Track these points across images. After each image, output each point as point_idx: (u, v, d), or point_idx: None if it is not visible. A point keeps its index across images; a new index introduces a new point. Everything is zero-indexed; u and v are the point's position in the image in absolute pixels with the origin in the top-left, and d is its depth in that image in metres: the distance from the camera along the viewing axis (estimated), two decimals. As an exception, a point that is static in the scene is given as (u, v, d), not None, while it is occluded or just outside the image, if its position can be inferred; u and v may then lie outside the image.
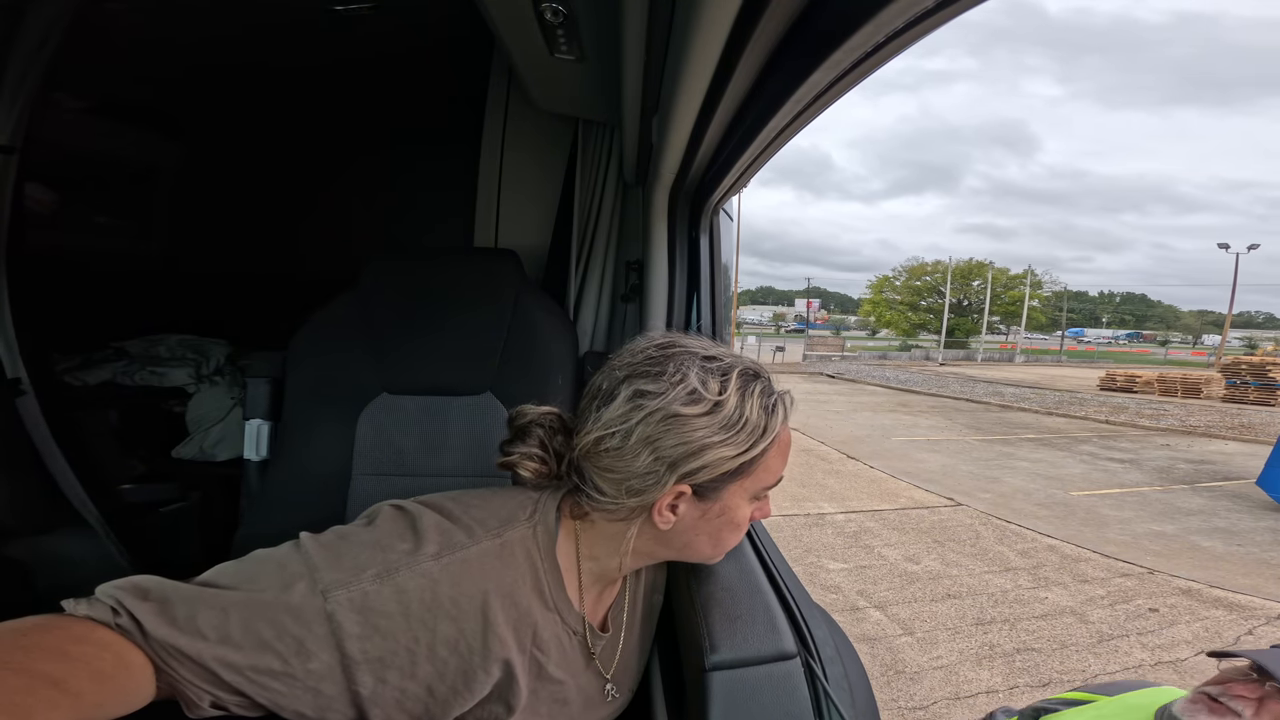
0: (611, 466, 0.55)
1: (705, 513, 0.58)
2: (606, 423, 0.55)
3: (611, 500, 0.56)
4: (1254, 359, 17.13)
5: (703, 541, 0.60)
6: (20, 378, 1.39)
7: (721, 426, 0.54)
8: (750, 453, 0.55)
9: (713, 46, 0.49)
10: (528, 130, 1.37)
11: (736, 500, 0.58)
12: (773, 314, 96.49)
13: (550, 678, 0.59)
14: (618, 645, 0.67)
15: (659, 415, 0.53)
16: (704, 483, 0.55)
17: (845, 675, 0.60)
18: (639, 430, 0.53)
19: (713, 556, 0.63)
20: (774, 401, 0.58)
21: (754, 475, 0.57)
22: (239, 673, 0.46)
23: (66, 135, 1.87)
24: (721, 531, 0.60)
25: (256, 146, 2.30)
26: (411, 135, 2.18)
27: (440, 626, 0.51)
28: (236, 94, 2.05)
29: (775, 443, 0.58)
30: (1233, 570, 4.02)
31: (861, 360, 30.38)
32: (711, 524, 0.59)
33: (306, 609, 0.48)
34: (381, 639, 0.49)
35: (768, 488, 0.61)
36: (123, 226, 2.22)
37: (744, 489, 0.58)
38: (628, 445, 0.54)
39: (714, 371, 0.56)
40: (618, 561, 0.61)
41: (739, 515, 0.59)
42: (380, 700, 0.50)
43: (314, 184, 2.31)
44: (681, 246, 1.11)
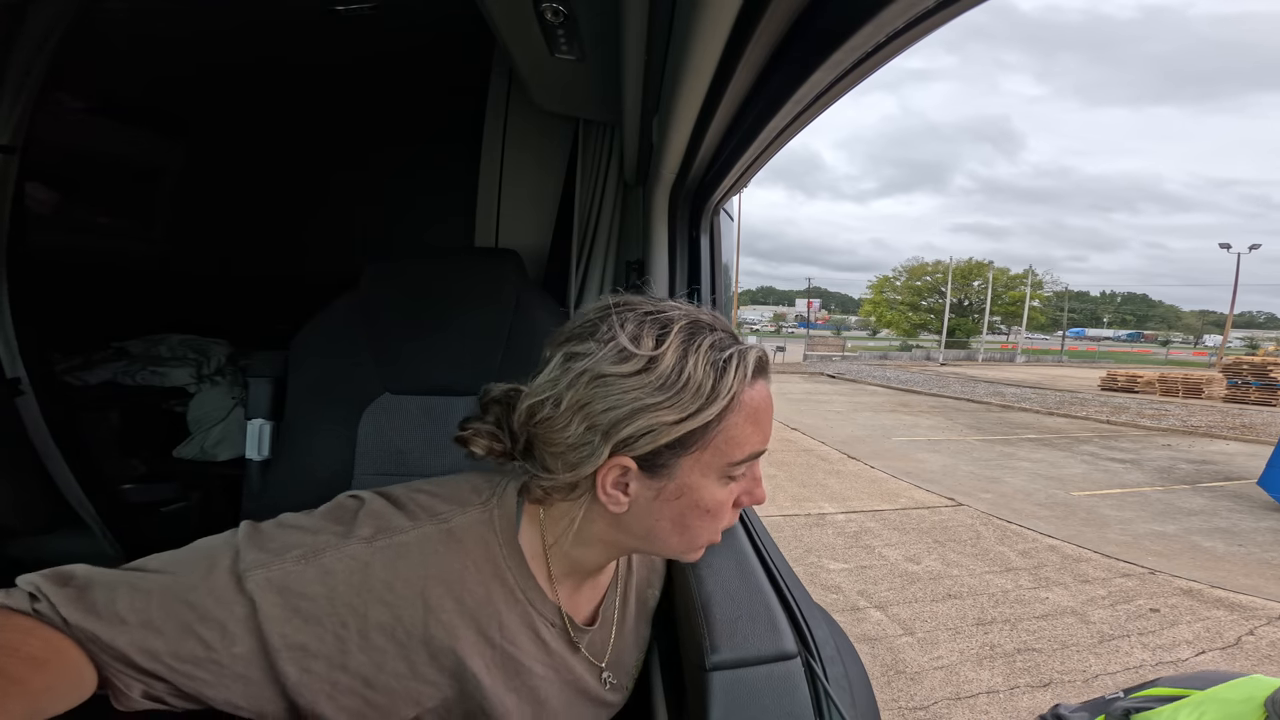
0: (548, 438, 0.50)
1: (660, 493, 0.50)
2: (537, 389, 0.50)
3: (555, 477, 0.52)
4: (1255, 359, 17.11)
5: (665, 529, 0.52)
6: (20, 378, 1.39)
7: (657, 388, 0.47)
8: (698, 419, 0.47)
9: (713, 46, 0.49)
10: (528, 130, 1.37)
11: (697, 479, 0.50)
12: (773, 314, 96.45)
13: (528, 670, 0.56)
14: (609, 639, 0.65)
15: (586, 377, 0.48)
16: (646, 455, 0.48)
17: (846, 675, 0.60)
18: (568, 396, 0.48)
19: (686, 550, 0.55)
20: (727, 357, 0.48)
21: (713, 447, 0.49)
22: (160, 660, 0.44)
23: (68, 135, 1.87)
24: (687, 518, 0.51)
25: (257, 147, 2.31)
26: (412, 135, 2.18)
27: (372, 611, 0.48)
28: (237, 94, 2.06)
29: (735, 407, 0.49)
30: (1234, 570, 4.01)
31: (862, 360, 30.37)
32: (671, 507, 0.51)
33: (226, 589, 0.46)
34: (304, 623, 0.47)
35: (737, 463, 0.50)
36: (123, 226, 2.23)
37: (704, 464, 0.50)
38: (559, 413, 0.49)
39: (652, 325, 0.49)
40: (585, 551, 0.56)
41: (705, 497, 0.51)
42: (307, 691, 0.47)
43: (315, 184, 2.31)
44: (682, 246, 1.11)
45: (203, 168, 2.30)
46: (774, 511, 4.84)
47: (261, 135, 2.28)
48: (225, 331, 2.11)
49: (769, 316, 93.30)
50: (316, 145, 2.25)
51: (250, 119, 2.22)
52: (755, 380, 0.51)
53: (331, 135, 2.22)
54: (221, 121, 2.23)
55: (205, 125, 2.23)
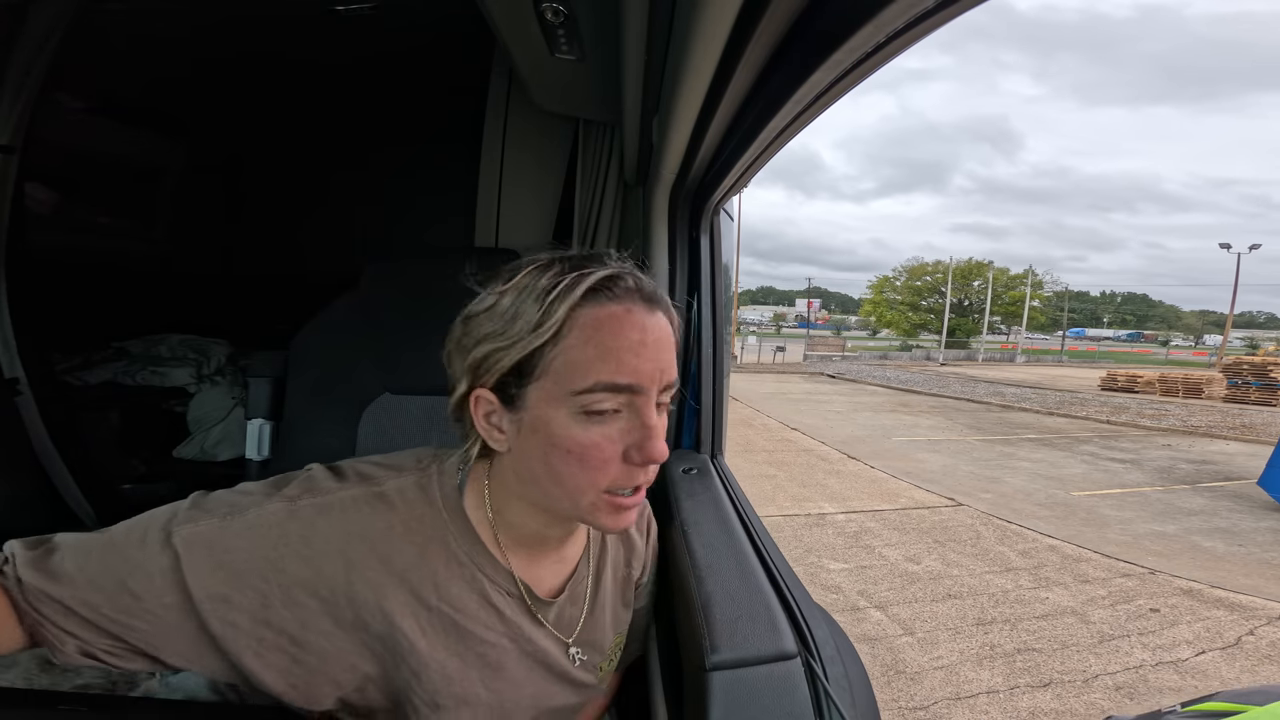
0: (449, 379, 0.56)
1: (521, 425, 0.51)
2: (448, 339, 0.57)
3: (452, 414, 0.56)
4: (1255, 359, 17.12)
5: (539, 470, 0.51)
6: (18, 378, 1.39)
7: (496, 319, 0.50)
8: (527, 344, 0.48)
9: (713, 46, 0.49)
10: (528, 130, 1.37)
11: (546, 410, 0.49)
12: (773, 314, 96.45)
13: (475, 636, 0.56)
14: (579, 617, 0.64)
15: (461, 318, 0.54)
16: (498, 384, 0.51)
17: (846, 675, 0.60)
18: (452, 337, 0.55)
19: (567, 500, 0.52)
20: (558, 283, 0.49)
21: (553, 374, 0.48)
22: (100, 612, 0.48)
23: (68, 135, 1.87)
24: (551, 459, 0.50)
25: (257, 147, 2.31)
26: (412, 135, 2.18)
27: (290, 566, 0.50)
28: (237, 94, 2.06)
29: (570, 330, 0.48)
30: (1234, 570, 4.01)
31: (862, 360, 30.37)
32: (534, 445, 0.51)
33: (155, 544, 0.49)
34: (225, 575, 0.49)
35: (582, 391, 0.48)
36: (123, 226, 2.23)
37: (549, 394, 0.49)
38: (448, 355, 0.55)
39: (515, 268, 0.53)
40: (518, 514, 0.57)
41: (558, 432, 0.49)
42: (233, 645, 0.49)
43: (315, 184, 2.31)
44: (682, 247, 1.11)
45: (203, 168, 2.30)
46: (774, 511, 4.85)
47: (261, 135, 2.28)
48: (225, 331, 2.11)
49: (769, 316, 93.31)
50: (316, 145, 2.25)
51: (250, 119, 2.22)
52: (599, 303, 0.49)
53: (331, 135, 2.22)
54: (221, 122, 2.23)
55: (205, 125, 2.23)
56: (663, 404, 0.52)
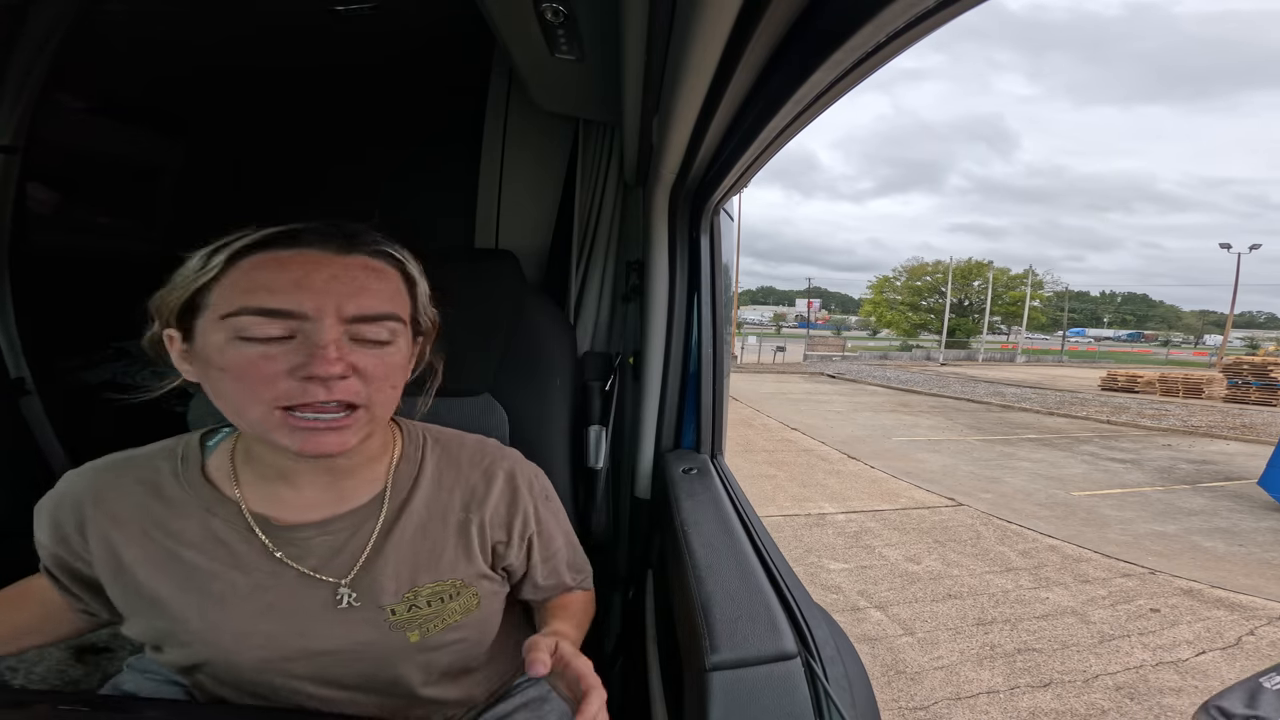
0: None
1: (194, 356, 0.57)
2: None
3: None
4: (1255, 359, 17.11)
5: (211, 393, 0.56)
6: (24, 378, 1.39)
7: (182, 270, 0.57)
8: (191, 285, 0.55)
9: (713, 46, 0.49)
10: (528, 130, 1.37)
11: (206, 337, 0.54)
12: (773, 314, 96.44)
13: (189, 563, 0.60)
14: (359, 555, 0.63)
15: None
16: (176, 321, 0.57)
17: (846, 675, 0.60)
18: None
19: (239, 420, 0.56)
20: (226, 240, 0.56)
21: (212, 306, 0.54)
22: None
23: (68, 135, 1.87)
24: (210, 377, 0.55)
25: (257, 146, 2.31)
26: (411, 135, 2.18)
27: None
28: (237, 94, 2.06)
29: (229, 271, 0.54)
30: (1234, 570, 4.01)
31: (862, 360, 30.37)
32: (202, 369, 0.56)
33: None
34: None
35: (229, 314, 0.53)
36: (124, 226, 2.23)
37: (209, 323, 0.54)
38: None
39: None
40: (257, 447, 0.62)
41: (212, 353, 0.54)
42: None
43: (314, 184, 2.31)
44: (682, 247, 1.11)
45: (203, 167, 2.30)
46: (774, 511, 4.85)
47: (261, 135, 2.28)
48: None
49: (769, 316, 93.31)
50: (316, 145, 2.25)
51: (250, 119, 2.22)
52: (266, 250, 0.55)
53: (331, 135, 2.22)
54: (221, 121, 2.23)
55: (205, 125, 2.23)
56: (370, 338, 0.56)
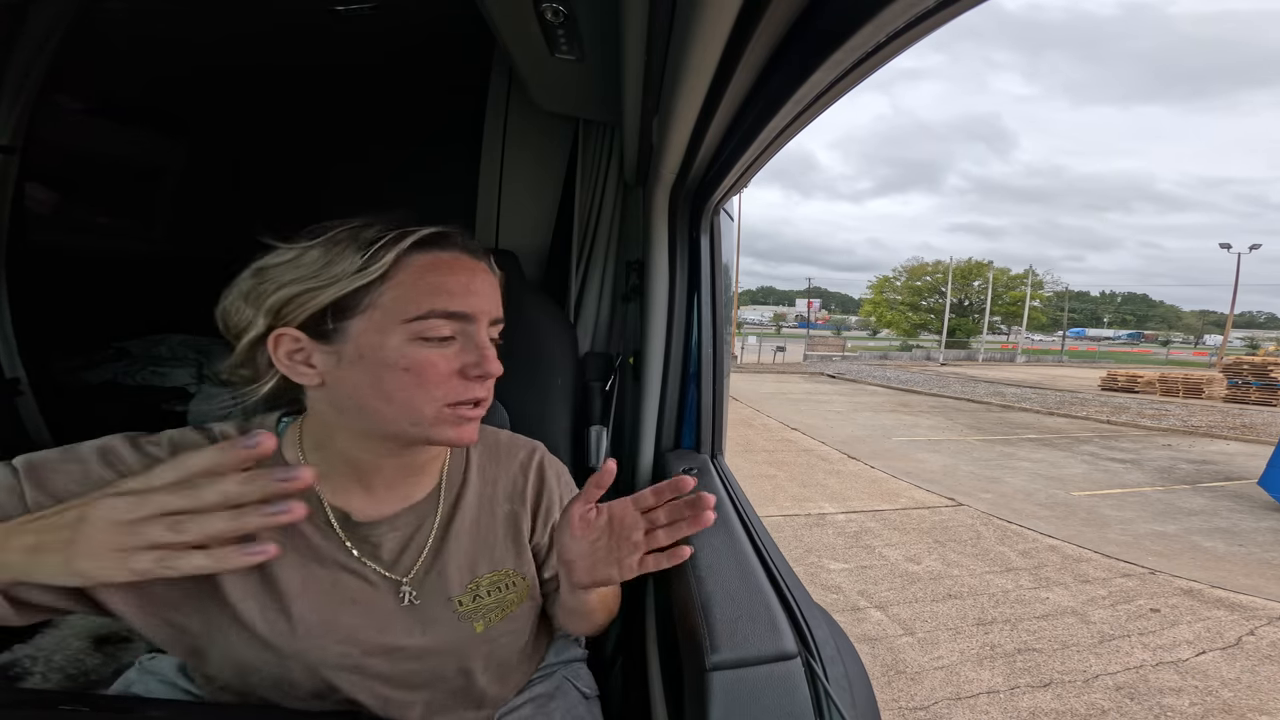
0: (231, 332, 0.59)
1: (341, 356, 0.54)
2: (225, 295, 0.59)
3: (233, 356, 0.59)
4: (1256, 359, 17.10)
5: (368, 395, 0.55)
6: (19, 378, 1.39)
7: (304, 267, 0.54)
8: (350, 283, 0.53)
9: (713, 46, 0.49)
10: (528, 130, 1.37)
11: (375, 338, 0.54)
12: (773, 314, 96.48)
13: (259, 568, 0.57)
14: (420, 553, 0.63)
15: (252, 271, 0.57)
16: (308, 322, 0.54)
17: (846, 675, 0.60)
18: (239, 289, 0.57)
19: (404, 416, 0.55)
20: (380, 236, 0.55)
21: (383, 307, 0.54)
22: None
23: (68, 135, 1.87)
24: (383, 378, 0.54)
25: (257, 146, 2.31)
26: (412, 135, 2.18)
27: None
28: (236, 94, 2.06)
29: (400, 270, 0.54)
30: (1234, 570, 4.01)
31: (862, 360, 30.37)
32: (360, 369, 0.54)
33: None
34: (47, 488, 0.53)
35: (415, 319, 0.54)
36: (123, 226, 2.23)
37: (377, 324, 0.54)
38: (231, 308, 0.58)
39: (315, 231, 0.57)
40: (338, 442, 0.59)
41: (390, 354, 0.54)
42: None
43: (314, 184, 2.31)
44: (682, 247, 1.11)
45: (203, 167, 2.30)
46: (774, 511, 4.85)
47: (261, 135, 2.28)
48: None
49: (769, 316, 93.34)
50: (316, 145, 2.25)
51: (250, 119, 2.22)
52: (428, 250, 0.56)
53: (331, 135, 2.22)
54: (221, 121, 2.23)
55: (205, 125, 2.23)
56: (493, 338, 0.60)
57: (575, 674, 0.79)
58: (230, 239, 2.56)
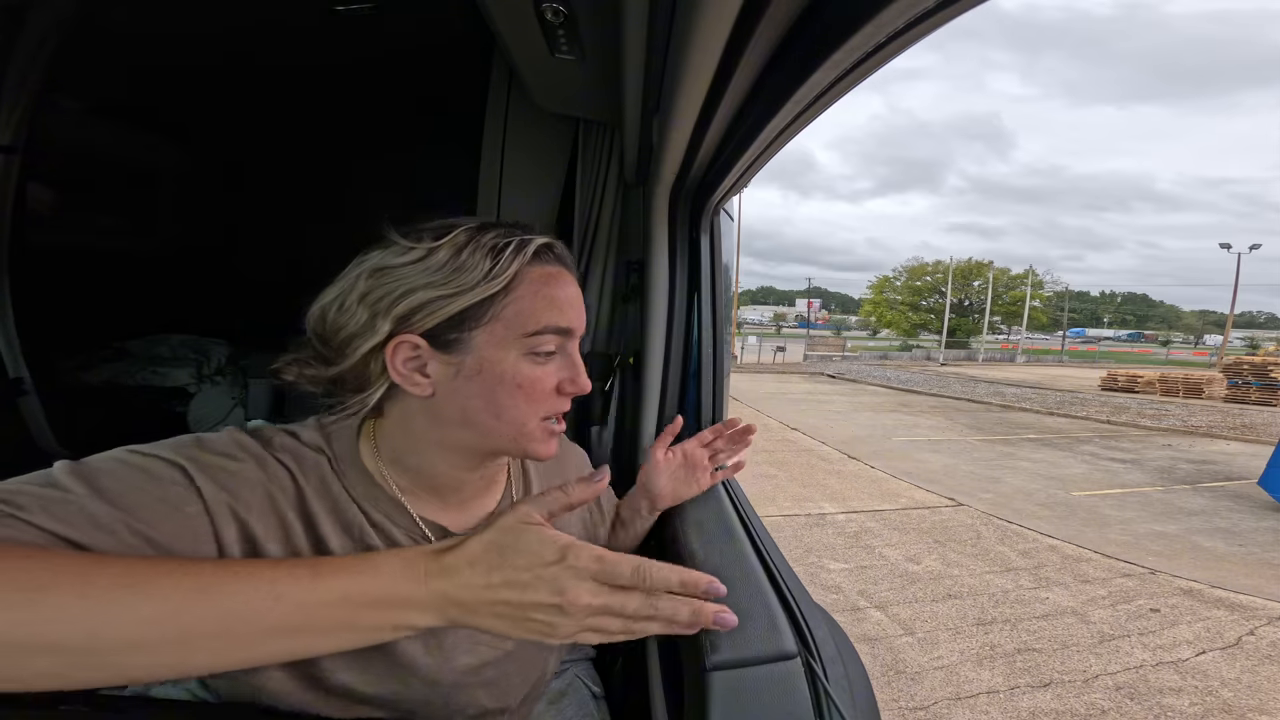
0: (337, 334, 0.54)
1: (460, 368, 0.53)
2: (326, 294, 0.55)
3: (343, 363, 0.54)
4: (1256, 359, 17.10)
5: (479, 409, 0.53)
6: (22, 378, 1.39)
7: (433, 271, 0.51)
8: (478, 293, 0.51)
9: (713, 46, 0.49)
10: (528, 130, 1.37)
11: (494, 352, 0.53)
12: (773, 314, 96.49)
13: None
14: None
15: (368, 271, 0.53)
16: (433, 330, 0.52)
17: (846, 675, 0.60)
18: (355, 289, 0.53)
19: (515, 435, 0.55)
20: (506, 243, 0.53)
21: (504, 320, 0.53)
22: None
23: (68, 136, 1.87)
24: (497, 395, 0.53)
25: (258, 147, 2.31)
26: (411, 136, 2.18)
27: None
28: (237, 95, 2.06)
29: (520, 283, 0.53)
30: (1234, 570, 4.01)
31: (862, 360, 30.37)
32: (476, 385, 0.53)
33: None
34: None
35: (533, 333, 0.53)
36: (124, 227, 2.23)
37: (498, 338, 0.53)
38: (345, 309, 0.53)
39: (435, 229, 0.54)
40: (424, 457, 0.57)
41: (509, 369, 0.53)
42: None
43: (314, 184, 2.31)
44: (682, 247, 1.11)
45: (203, 168, 2.30)
46: (774, 511, 4.85)
47: (261, 136, 2.28)
48: (226, 332, 2.11)
49: (769, 316, 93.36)
50: (316, 145, 2.25)
51: (250, 120, 2.22)
52: (543, 263, 0.55)
53: (331, 135, 2.22)
54: (221, 122, 2.23)
55: (205, 126, 2.23)
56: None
57: (585, 672, 0.80)
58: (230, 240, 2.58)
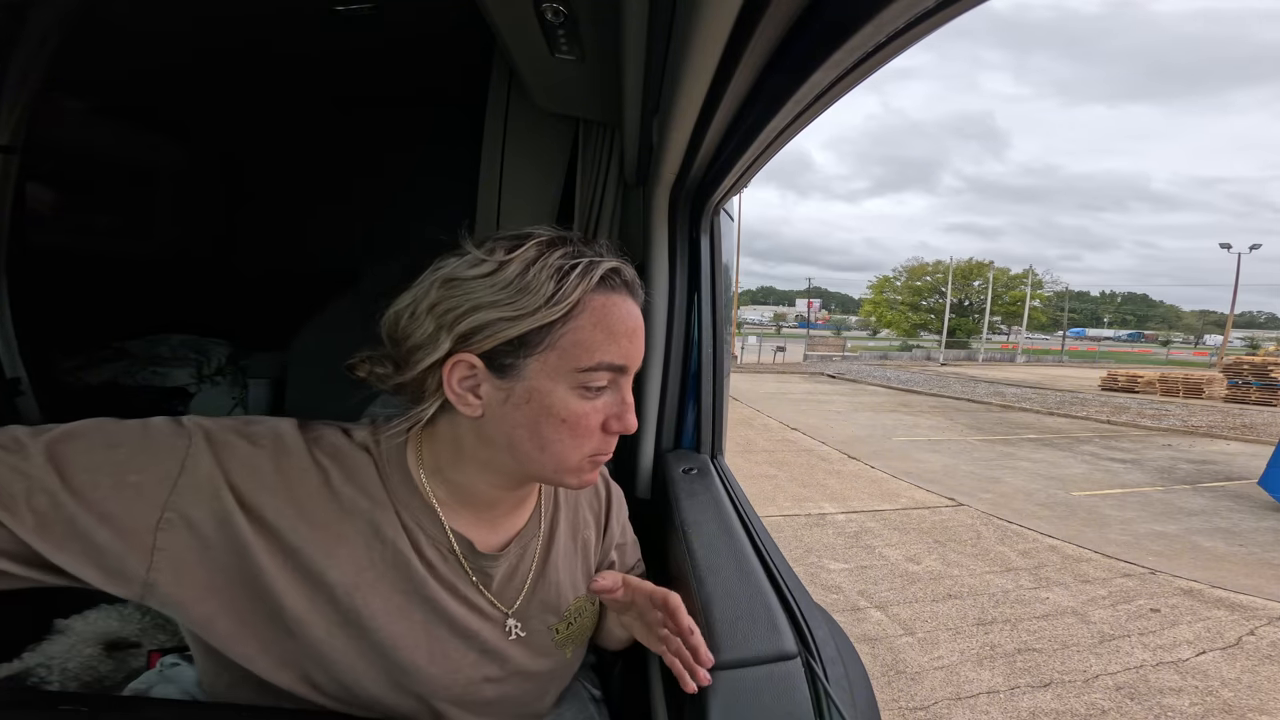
0: (405, 340, 0.54)
1: (510, 394, 0.52)
2: (400, 300, 0.55)
3: (406, 373, 0.54)
4: (1256, 359, 17.10)
5: (523, 438, 0.52)
6: (20, 378, 1.39)
7: (500, 288, 0.50)
8: (537, 318, 0.49)
9: (713, 46, 0.49)
10: (528, 130, 1.37)
11: (545, 382, 0.51)
12: (773, 314, 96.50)
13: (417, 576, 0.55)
14: (522, 587, 0.62)
15: (440, 280, 0.52)
16: (491, 352, 0.51)
17: (846, 675, 0.60)
18: (426, 299, 0.52)
19: (556, 468, 0.54)
20: (572, 265, 0.51)
21: (559, 349, 0.51)
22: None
23: (68, 135, 1.87)
24: (542, 427, 0.52)
25: (258, 147, 2.31)
26: (411, 136, 2.18)
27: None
28: (236, 94, 2.06)
29: (581, 311, 0.51)
30: (1234, 570, 4.01)
31: (862, 360, 30.37)
32: (524, 413, 0.52)
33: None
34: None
35: (586, 369, 0.52)
36: (124, 226, 2.23)
37: (551, 368, 0.51)
38: (415, 316, 0.53)
39: (508, 240, 0.52)
40: (465, 474, 0.57)
41: (556, 404, 0.52)
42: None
43: (314, 184, 2.31)
44: (682, 247, 1.11)
45: (202, 168, 2.30)
46: (774, 512, 4.85)
47: (260, 136, 2.28)
48: (226, 332, 2.11)
49: (769, 316, 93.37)
50: (316, 145, 2.25)
51: (249, 119, 2.22)
52: (608, 291, 0.53)
53: (331, 135, 2.22)
54: (221, 122, 2.23)
55: (205, 125, 2.23)
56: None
57: (586, 676, 0.80)
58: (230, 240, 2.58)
